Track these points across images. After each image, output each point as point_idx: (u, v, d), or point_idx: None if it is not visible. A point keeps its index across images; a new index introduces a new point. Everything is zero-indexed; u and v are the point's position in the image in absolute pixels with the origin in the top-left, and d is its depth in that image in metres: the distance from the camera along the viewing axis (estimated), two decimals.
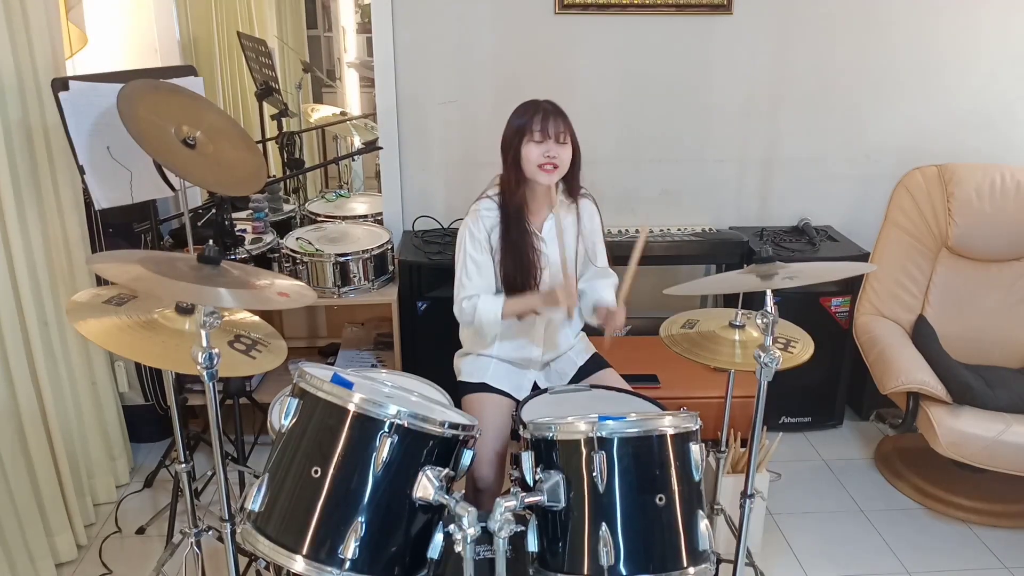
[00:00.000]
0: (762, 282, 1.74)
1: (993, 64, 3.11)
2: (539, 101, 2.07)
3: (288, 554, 1.51)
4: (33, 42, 2.24)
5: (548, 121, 2.01)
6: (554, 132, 2.02)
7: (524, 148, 2.03)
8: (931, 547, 2.55)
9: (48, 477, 2.33)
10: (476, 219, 2.11)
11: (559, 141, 2.03)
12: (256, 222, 3.08)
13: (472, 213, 2.13)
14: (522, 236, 2.10)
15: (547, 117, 2.02)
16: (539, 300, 2.10)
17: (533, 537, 1.64)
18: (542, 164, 2.02)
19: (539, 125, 2.01)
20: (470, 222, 2.12)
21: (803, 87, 3.12)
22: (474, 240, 2.10)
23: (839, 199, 3.28)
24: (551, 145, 2.02)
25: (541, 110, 2.03)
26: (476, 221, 2.11)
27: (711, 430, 2.46)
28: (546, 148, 2.02)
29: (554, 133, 2.02)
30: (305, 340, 3.58)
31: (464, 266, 2.11)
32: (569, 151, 2.06)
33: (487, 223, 2.11)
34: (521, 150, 2.04)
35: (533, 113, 2.03)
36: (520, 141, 2.04)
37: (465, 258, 2.11)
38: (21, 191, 2.22)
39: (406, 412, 1.54)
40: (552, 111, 2.04)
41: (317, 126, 4.17)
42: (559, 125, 2.02)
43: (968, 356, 2.81)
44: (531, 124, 2.02)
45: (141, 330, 1.63)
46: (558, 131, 2.02)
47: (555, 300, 2.05)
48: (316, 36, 4.27)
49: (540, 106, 2.05)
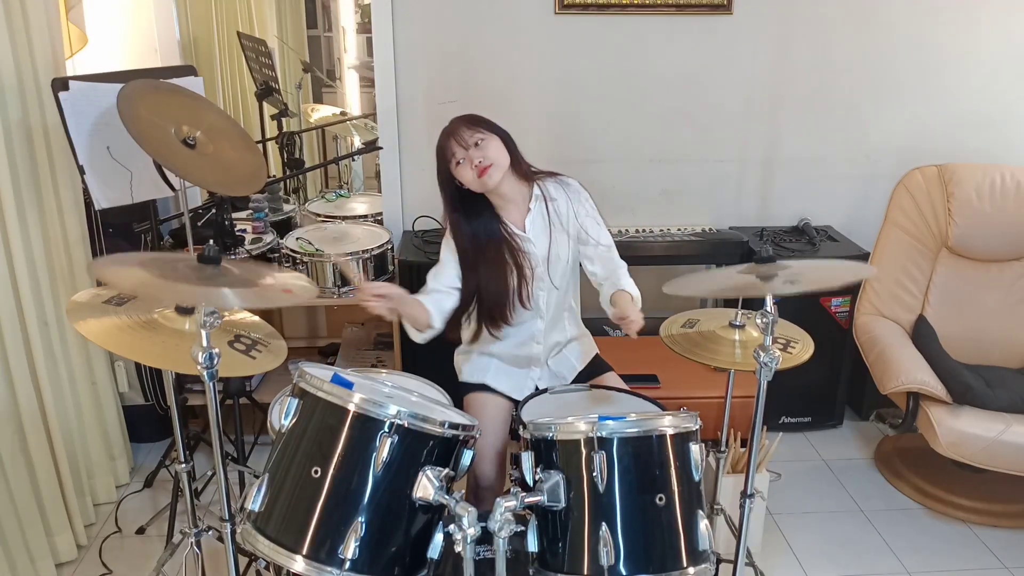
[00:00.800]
0: (762, 284, 1.74)
1: (993, 64, 3.11)
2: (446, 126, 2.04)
3: (288, 554, 1.51)
4: (33, 42, 2.24)
5: (453, 138, 2.00)
6: (467, 142, 1.99)
7: (456, 174, 2.01)
8: (931, 547, 2.55)
9: (48, 477, 2.33)
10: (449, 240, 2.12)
11: (477, 144, 1.99)
12: (256, 222, 3.08)
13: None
14: (500, 248, 2.08)
15: (453, 135, 2.00)
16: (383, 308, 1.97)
17: (533, 537, 1.64)
18: (478, 174, 1.99)
19: (451, 147, 2.00)
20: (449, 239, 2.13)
21: (803, 87, 3.12)
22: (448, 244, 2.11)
23: (839, 199, 3.28)
24: (471, 153, 1.99)
25: (446, 133, 2.02)
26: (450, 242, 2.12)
27: (711, 430, 2.46)
28: (469, 161, 1.99)
29: (467, 143, 1.99)
30: (305, 340, 3.58)
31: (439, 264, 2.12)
32: (495, 145, 2.01)
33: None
34: (455, 176, 2.02)
35: (443, 140, 2.02)
36: (447, 169, 2.03)
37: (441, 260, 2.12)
38: (21, 191, 2.22)
39: (406, 412, 1.54)
40: (455, 127, 2.01)
41: (317, 126, 4.17)
42: (464, 134, 2.00)
43: (968, 356, 2.81)
44: (444, 151, 2.01)
45: (141, 330, 1.63)
46: (467, 140, 1.99)
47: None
48: (316, 36, 4.27)
49: (445, 130, 2.03)
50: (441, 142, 2.03)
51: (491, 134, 2.02)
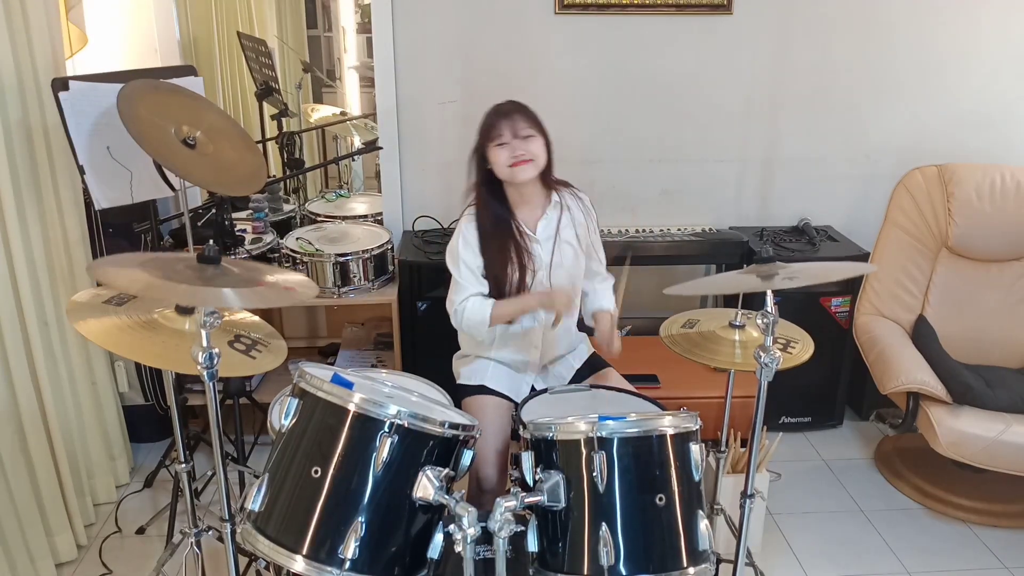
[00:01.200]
0: (762, 282, 1.74)
1: (993, 64, 3.11)
2: (500, 105, 2.06)
3: (288, 554, 1.51)
4: (33, 42, 2.24)
5: (506, 121, 2.01)
6: (511, 130, 2.01)
7: (490, 153, 2.03)
8: (931, 547, 2.55)
9: (48, 477, 2.33)
10: (469, 224, 2.11)
11: (523, 137, 2.01)
12: (256, 222, 3.09)
13: (466, 217, 2.13)
14: (507, 241, 2.09)
15: (506, 117, 2.01)
16: (534, 300, 2.10)
17: (533, 537, 1.64)
18: (512, 164, 2.01)
19: (498, 129, 2.01)
20: (464, 225, 2.12)
21: (803, 87, 3.12)
22: (467, 245, 2.10)
23: (839, 199, 3.28)
24: (516, 143, 2.01)
25: (499, 114, 2.03)
26: (469, 225, 2.11)
27: (711, 430, 2.46)
28: (511, 149, 2.01)
29: (514, 131, 2.01)
30: (305, 340, 3.58)
31: (459, 269, 2.10)
32: (539, 144, 2.04)
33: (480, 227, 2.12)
34: (489, 157, 2.04)
35: (491, 118, 2.03)
36: (484, 148, 2.04)
37: (459, 262, 2.10)
38: (21, 191, 2.22)
39: (406, 412, 1.54)
40: (511, 111, 2.03)
41: (317, 126, 4.17)
42: (518, 122, 2.01)
43: (968, 356, 2.82)
44: (492, 129, 2.02)
45: (141, 330, 1.63)
46: (517, 129, 2.01)
47: (551, 303, 2.05)
48: (316, 36, 4.27)
49: (500, 109, 2.04)
50: (491, 119, 2.04)
51: (540, 134, 2.05)
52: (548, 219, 2.14)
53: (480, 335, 2.12)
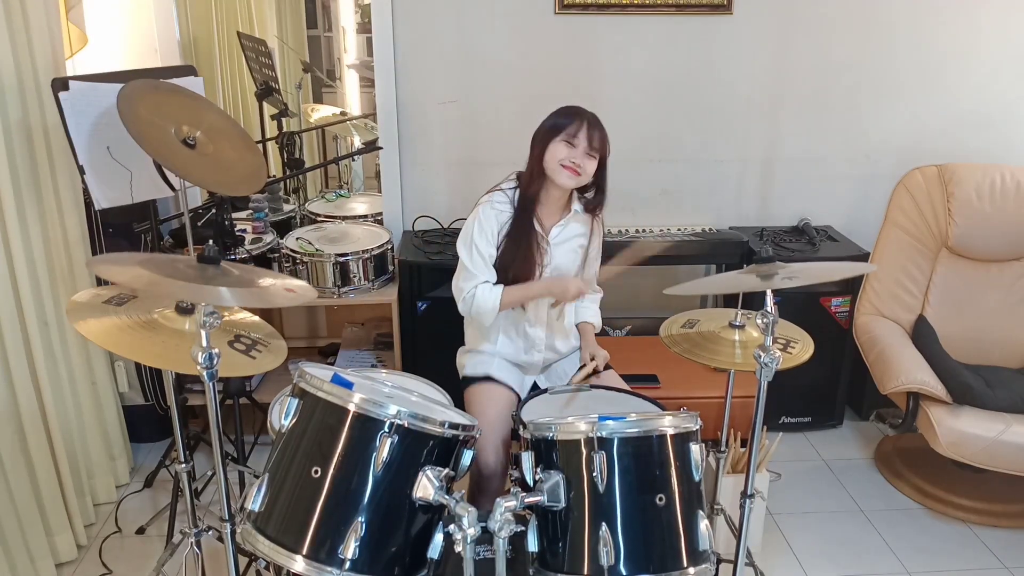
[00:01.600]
0: (762, 282, 1.74)
1: (993, 64, 3.11)
2: (584, 111, 2.08)
3: (288, 554, 1.51)
4: (33, 42, 2.24)
5: (585, 128, 2.03)
6: (587, 140, 2.03)
7: (552, 144, 2.04)
8: (931, 547, 2.55)
9: (48, 477, 2.33)
10: (488, 209, 2.11)
11: (589, 152, 2.04)
12: (256, 222, 3.08)
13: (484, 204, 2.12)
14: (529, 233, 2.11)
15: (588, 126, 2.03)
16: (542, 286, 2.11)
17: (533, 537, 1.64)
18: (565, 164, 2.03)
19: (575, 129, 2.02)
20: (481, 212, 2.10)
21: (803, 87, 3.12)
22: (482, 231, 2.10)
23: (839, 199, 3.27)
24: (580, 152, 2.03)
25: (584, 118, 2.05)
26: (488, 211, 2.10)
27: (711, 430, 2.46)
28: (574, 153, 2.03)
29: (587, 140, 2.03)
30: (305, 340, 3.58)
31: (471, 255, 2.10)
32: (593, 166, 2.07)
33: (499, 217, 2.11)
34: (549, 145, 2.04)
35: (575, 118, 2.04)
36: (551, 137, 2.05)
37: (472, 248, 2.10)
38: (21, 191, 2.22)
39: (406, 412, 1.54)
40: (594, 122, 2.06)
41: (317, 126, 4.17)
42: (595, 138, 2.04)
43: (968, 356, 2.82)
44: (569, 126, 2.03)
45: (141, 330, 1.63)
46: (591, 141, 2.03)
47: (563, 288, 2.08)
48: (316, 36, 4.27)
49: (584, 115, 2.06)
50: (572, 118, 2.04)
51: (600, 159, 2.08)
52: (562, 225, 2.18)
53: (488, 321, 2.12)
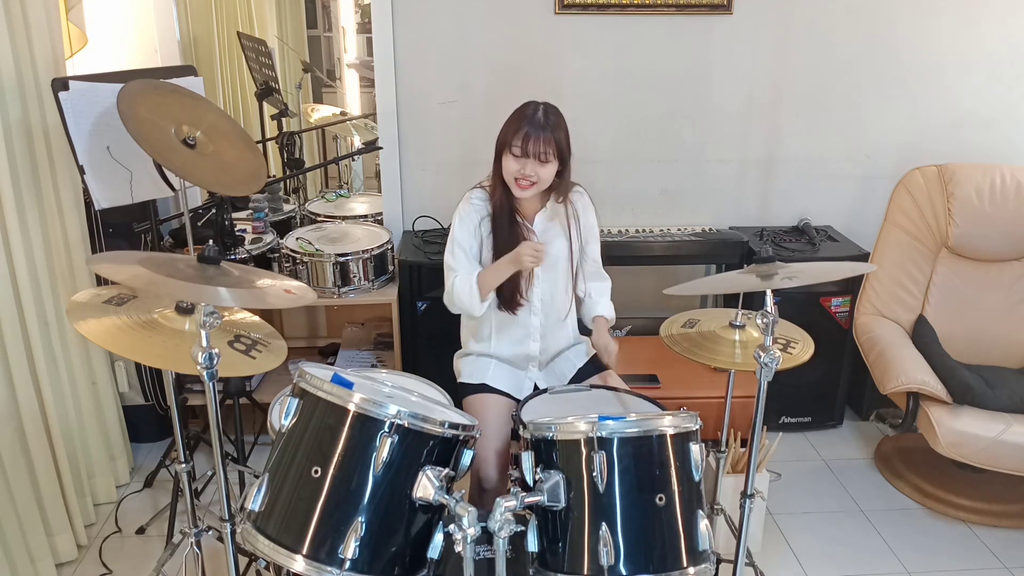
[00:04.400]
0: (762, 282, 1.74)
1: (993, 64, 3.11)
2: (534, 112, 2.02)
3: (288, 554, 1.51)
4: (33, 42, 2.24)
5: (531, 141, 1.98)
6: (534, 151, 1.99)
7: (504, 158, 2.04)
8: (931, 547, 2.55)
9: (48, 477, 2.33)
10: (467, 205, 2.14)
11: (540, 160, 2.00)
12: (256, 222, 3.08)
13: (464, 200, 2.16)
14: (512, 226, 2.12)
15: (532, 135, 1.98)
16: (506, 261, 2.06)
17: (533, 537, 1.64)
18: (517, 179, 2.03)
19: (520, 142, 1.99)
20: (461, 208, 2.15)
21: (803, 87, 3.12)
22: (463, 224, 2.13)
23: (839, 199, 3.28)
24: (529, 163, 2.00)
25: (527, 126, 1.99)
26: (467, 207, 2.14)
27: (711, 430, 2.46)
28: (522, 165, 2.01)
29: (534, 152, 1.99)
30: (305, 340, 3.58)
31: (451, 250, 2.13)
32: (551, 169, 2.03)
33: (478, 211, 2.14)
34: (501, 158, 2.05)
35: (521, 125, 2.00)
36: (501, 150, 2.05)
37: (452, 243, 2.13)
38: (21, 191, 2.22)
39: (406, 412, 1.54)
40: (540, 127, 1.99)
41: (317, 126, 4.18)
42: (541, 145, 1.98)
43: (968, 356, 2.81)
44: (515, 138, 2.00)
45: (141, 330, 1.63)
46: (539, 151, 1.99)
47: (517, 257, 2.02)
48: (316, 36, 4.28)
49: (531, 120, 2.00)
50: (521, 125, 1.99)
51: (556, 160, 2.03)
52: (547, 212, 2.17)
53: (476, 311, 2.11)
